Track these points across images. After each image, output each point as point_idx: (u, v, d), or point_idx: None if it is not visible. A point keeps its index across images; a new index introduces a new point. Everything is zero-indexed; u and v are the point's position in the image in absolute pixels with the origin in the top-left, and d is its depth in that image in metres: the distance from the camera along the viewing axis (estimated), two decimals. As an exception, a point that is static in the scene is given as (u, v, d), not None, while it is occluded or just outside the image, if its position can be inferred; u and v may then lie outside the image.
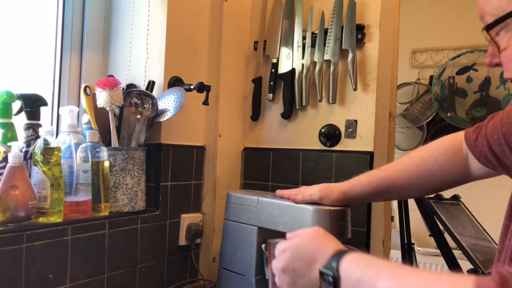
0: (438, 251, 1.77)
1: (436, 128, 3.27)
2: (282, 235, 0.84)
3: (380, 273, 0.56)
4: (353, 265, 0.59)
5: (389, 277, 0.54)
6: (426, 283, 0.50)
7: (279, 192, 1.15)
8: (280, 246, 0.72)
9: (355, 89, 1.39)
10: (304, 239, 0.70)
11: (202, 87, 1.28)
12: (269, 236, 1.00)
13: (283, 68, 1.52)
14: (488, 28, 0.64)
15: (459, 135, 0.96)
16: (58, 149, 1.02)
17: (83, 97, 1.20)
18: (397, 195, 1.07)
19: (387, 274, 0.55)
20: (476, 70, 3.11)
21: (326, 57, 1.43)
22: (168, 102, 1.25)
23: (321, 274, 0.61)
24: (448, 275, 0.50)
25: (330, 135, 1.44)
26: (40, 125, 1.10)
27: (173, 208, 1.35)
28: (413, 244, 2.42)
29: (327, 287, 0.60)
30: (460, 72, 3.15)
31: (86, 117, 1.23)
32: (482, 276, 0.46)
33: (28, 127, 1.08)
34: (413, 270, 0.56)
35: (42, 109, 1.12)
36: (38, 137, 1.07)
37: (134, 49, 1.37)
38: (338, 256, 0.61)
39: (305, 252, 0.66)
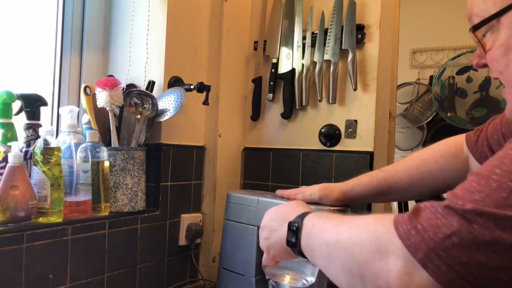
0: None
1: (436, 128, 3.28)
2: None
3: (330, 219, 0.65)
4: (314, 216, 0.70)
5: (335, 219, 0.64)
6: (356, 219, 0.59)
7: (279, 192, 1.15)
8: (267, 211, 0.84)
9: (355, 89, 1.39)
10: (284, 205, 0.81)
11: (202, 87, 1.28)
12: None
13: (283, 68, 1.52)
14: (474, 29, 0.66)
15: (460, 137, 0.96)
16: (58, 149, 1.02)
17: (83, 97, 1.20)
18: (397, 196, 1.07)
19: (335, 218, 0.64)
20: (476, 70, 3.11)
21: (326, 57, 1.43)
22: (168, 102, 1.25)
23: (289, 225, 0.71)
24: (377, 214, 0.58)
25: (330, 135, 1.44)
26: (40, 125, 1.10)
27: (173, 208, 1.35)
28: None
29: (291, 237, 0.69)
30: (460, 72, 3.15)
31: (86, 117, 1.23)
32: None
33: (28, 127, 1.08)
34: (355, 215, 0.64)
35: (42, 109, 1.12)
36: (38, 137, 1.07)
37: (134, 49, 1.37)
38: (305, 214, 0.72)
39: (282, 213, 0.77)
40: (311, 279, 0.82)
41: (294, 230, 0.69)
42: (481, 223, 0.43)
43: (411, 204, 2.39)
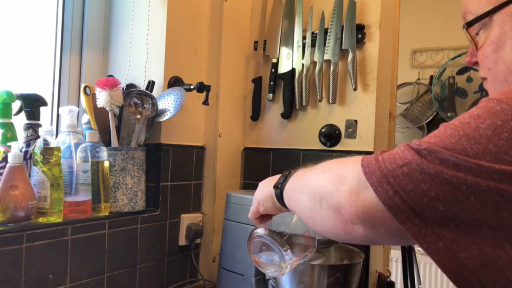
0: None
1: (436, 128, 3.27)
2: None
3: (308, 170, 0.70)
4: (301, 169, 0.75)
5: (311, 169, 0.69)
6: (329, 162, 0.64)
7: (279, 192, 1.15)
8: None
9: (355, 89, 1.39)
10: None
11: (202, 87, 1.28)
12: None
13: (283, 68, 1.52)
14: (468, 26, 0.67)
15: None
16: (58, 149, 1.02)
17: (83, 97, 1.20)
18: None
19: (312, 169, 0.69)
20: (476, 70, 3.10)
21: (326, 57, 1.43)
22: (168, 102, 1.25)
23: (283, 173, 0.77)
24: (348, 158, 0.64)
25: (330, 135, 1.44)
26: (40, 125, 1.10)
27: (173, 208, 1.35)
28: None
29: (281, 179, 0.76)
30: (460, 72, 3.15)
31: (86, 117, 1.23)
32: None
33: (28, 127, 1.08)
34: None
35: (42, 109, 1.12)
36: (38, 137, 1.06)
37: (134, 49, 1.37)
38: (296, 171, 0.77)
39: (273, 177, 0.82)
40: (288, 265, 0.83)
41: (286, 174, 0.76)
42: (429, 159, 0.50)
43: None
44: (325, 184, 0.61)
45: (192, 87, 1.30)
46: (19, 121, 1.09)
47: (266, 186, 0.82)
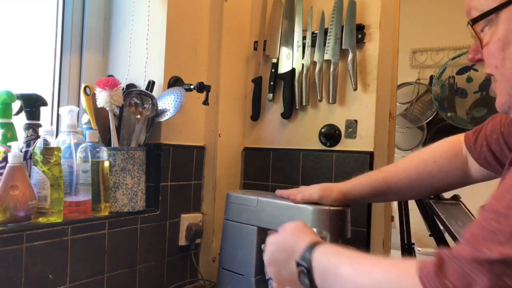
0: (438, 251, 1.77)
1: (436, 128, 3.28)
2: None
3: (342, 261, 0.62)
4: (323, 255, 0.66)
5: (348, 264, 0.61)
6: (375, 266, 0.57)
7: (278, 192, 1.15)
8: (268, 240, 0.79)
9: (355, 89, 1.39)
10: (285, 233, 0.76)
11: (202, 87, 1.28)
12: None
13: (283, 68, 1.52)
14: (473, 22, 0.65)
15: (460, 137, 0.96)
16: (58, 149, 1.02)
17: (83, 97, 1.20)
18: (396, 196, 1.07)
19: (347, 261, 0.61)
20: (476, 70, 3.11)
21: (326, 57, 1.43)
22: (168, 102, 1.25)
23: (298, 264, 0.67)
24: (397, 260, 0.56)
25: (330, 135, 1.44)
26: (40, 125, 1.10)
27: (173, 208, 1.35)
28: (413, 244, 2.42)
29: (303, 277, 0.66)
30: (460, 72, 3.15)
31: (86, 117, 1.23)
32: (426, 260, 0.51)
33: (28, 127, 1.08)
34: (369, 257, 0.62)
35: (42, 109, 1.12)
36: (38, 137, 1.06)
37: (134, 49, 1.37)
38: (311, 247, 0.68)
39: (285, 245, 0.73)
40: None
41: (305, 272, 0.66)
42: (510, 275, 0.42)
43: (411, 203, 2.39)
44: None
45: (192, 87, 1.30)
46: (19, 121, 1.09)
47: (282, 269, 0.71)
